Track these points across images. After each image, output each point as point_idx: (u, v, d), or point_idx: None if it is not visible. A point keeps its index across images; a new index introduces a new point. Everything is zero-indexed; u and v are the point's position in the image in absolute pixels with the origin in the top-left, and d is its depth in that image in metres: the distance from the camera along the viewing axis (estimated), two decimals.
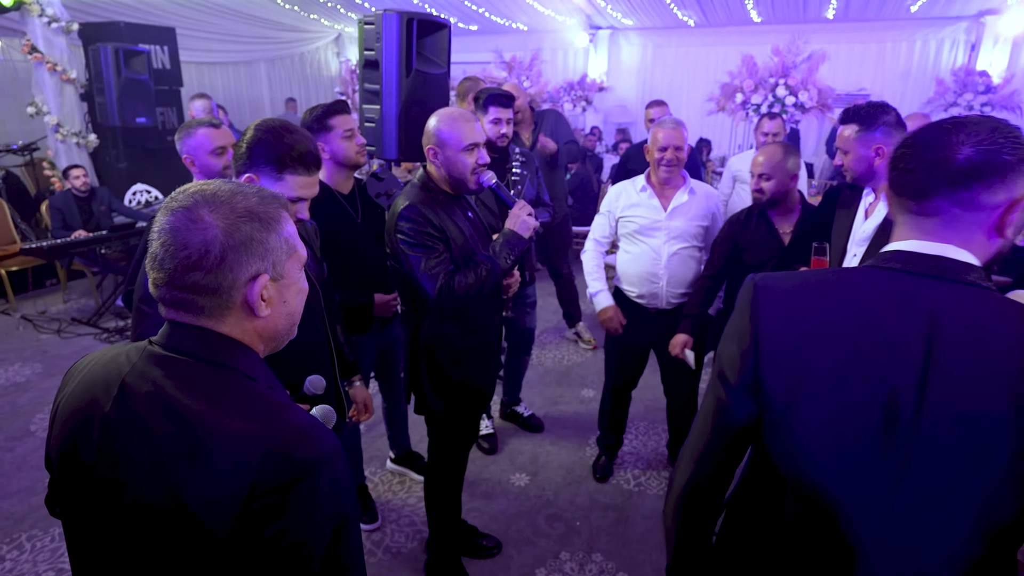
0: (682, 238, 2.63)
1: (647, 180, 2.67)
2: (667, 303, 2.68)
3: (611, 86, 9.51)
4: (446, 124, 1.90)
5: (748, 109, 5.78)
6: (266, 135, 1.50)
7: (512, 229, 1.97)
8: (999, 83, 7.09)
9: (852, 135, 2.00)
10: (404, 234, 1.87)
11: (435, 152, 1.92)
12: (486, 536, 2.59)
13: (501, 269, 1.93)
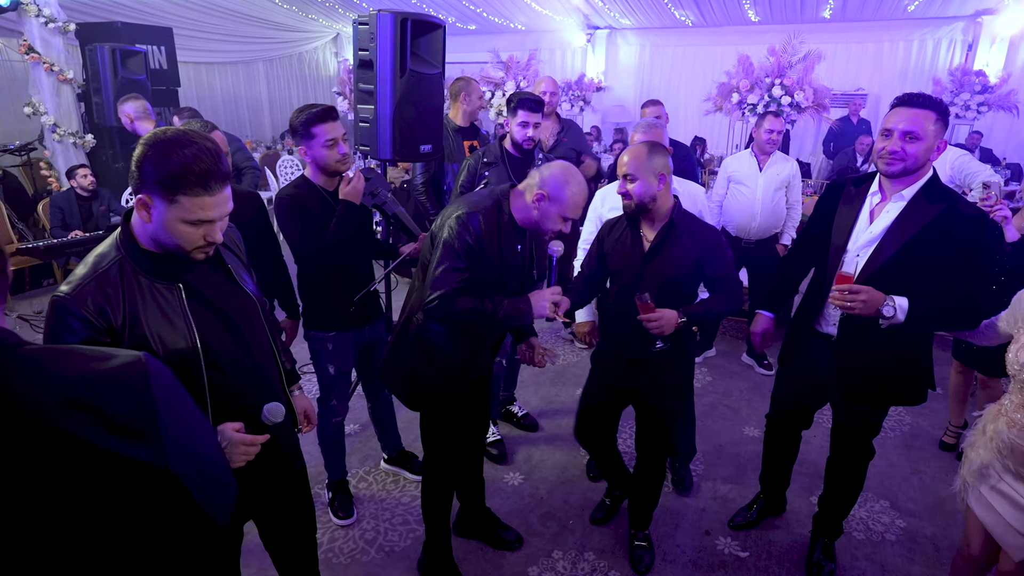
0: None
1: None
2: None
3: (609, 86, 9.52)
4: (570, 189, 1.90)
5: (744, 109, 5.79)
6: (151, 150, 1.23)
7: (530, 302, 1.95)
8: (996, 83, 7.10)
9: (931, 124, 1.87)
10: (452, 233, 1.90)
11: (542, 199, 1.91)
12: (508, 529, 2.60)
13: (498, 320, 1.91)
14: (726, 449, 3.30)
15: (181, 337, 1.34)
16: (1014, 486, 1.72)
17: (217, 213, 1.30)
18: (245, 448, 1.36)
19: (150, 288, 1.33)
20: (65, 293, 1.27)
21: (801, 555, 2.54)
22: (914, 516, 2.80)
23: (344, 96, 9.01)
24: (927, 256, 1.91)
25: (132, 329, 1.30)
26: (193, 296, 1.38)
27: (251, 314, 1.53)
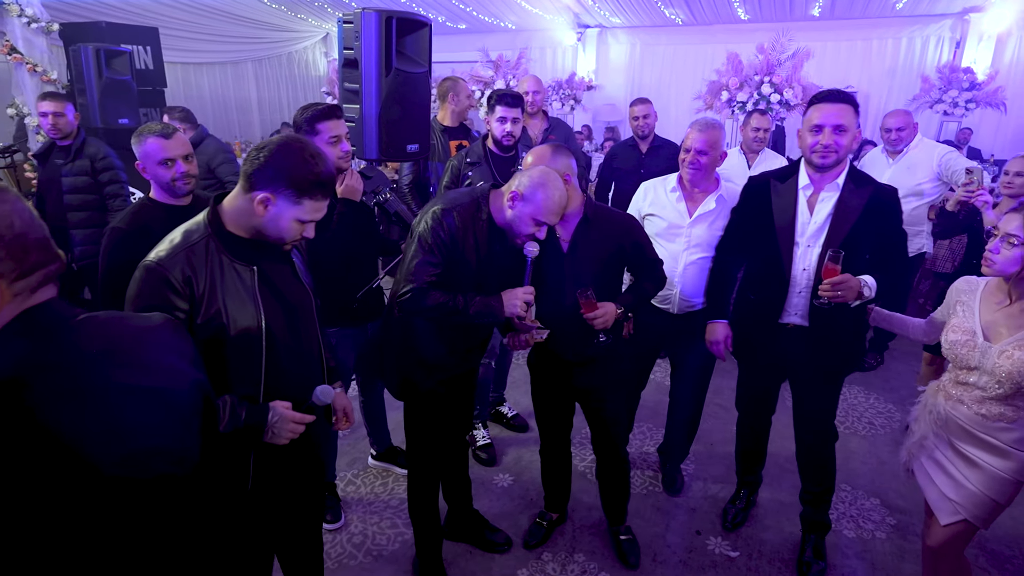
0: (702, 247, 2.52)
1: (679, 181, 2.56)
2: (679, 309, 2.60)
3: (599, 84, 9.50)
4: (544, 191, 1.88)
5: (734, 107, 5.79)
6: (294, 158, 1.42)
7: (502, 299, 1.94)
8: (983, 80, 7.13)
9: (852, 116, 2.05)
10: (427, 228, 1.92)
11: (516, 198, 1.91)
12: (497, 531, 2.58)
13: (468, 316, 1.92)
14: (717, 448, 3.29)
15: (250, 316, 1.46)
16: (946, 454, 1.91)
17: (321, 215, 1.48)
18: (293, 426, 1.48)
19: (230, 267, 1.46)
20: (157, 259, 1.41)
21: (791, 554, 2.53)
22: (904, 513, 2.79)
23: (333, 96, 8.95)
24: (868, 235, 2.08)
25: (209, 301, 1.42)
26: (264, 281, 1.51)
27: (306, 308, 1.64)
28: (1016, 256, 1.72)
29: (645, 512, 2.79)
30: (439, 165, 3.40)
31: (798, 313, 2.22)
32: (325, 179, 1.45)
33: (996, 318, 1.81)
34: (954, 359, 1.87)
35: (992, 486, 1.81)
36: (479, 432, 3.23)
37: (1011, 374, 1.73)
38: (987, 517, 1.85)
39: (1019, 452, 1.78)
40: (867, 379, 4.06)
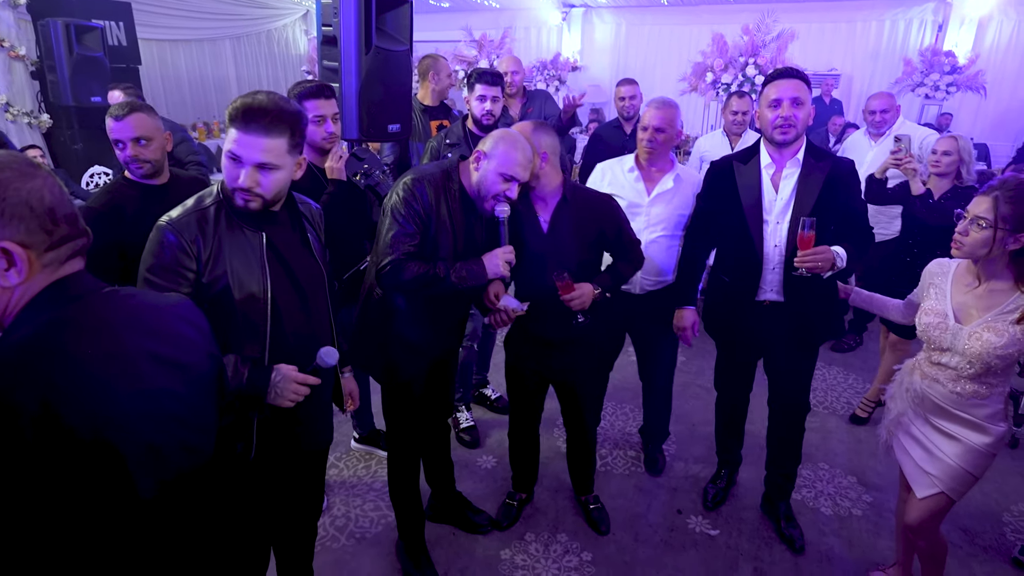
0: (662, 225, 2.55)
1: (636, 160, 2.59)
2: (641, 289, 2.63)
3: (584, 65, 9.42)
4: (505, 144, 1.91)
5: (718, 89, 5.77)
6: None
7: (484, 263, 1.94)
8: (964, 63, 7.17)
9: (807, 92, 2.12)
10: (399, 198, 1.91)
11: (480, 157, 1.93)
12: (480, 512, 2.59)
13: (450, 284, 1.90)
14: (698, 428, 3.32)
15: (255, 281, 1.50)
16: (923, 430, 1.98)
17: (243, 152, 1.41)
18: (296, 386, 1.49)
19: (239, 232, 1.50)
20: (170, 220, 1.46)
21: (771, 532, 2.58)
22: (880, 491, 2.85)
23: (313, 75, 8.79)
24: (831, 207, 2.13)
25: (215, 262, 1.46)
26: (272, 248, 1.53)
27: (316, 283, 1.66)
28: (984, 238, 1.74)
29: (627, 492, 2.82)
30: (419, 145, 3.36)
31: (773, 289, 2.26)
32: (243, 108, 1.39)
33: (967, 300, 1.85)
34: (928, 340, 1.92)
35: (967, 459, 1.88)
36: (462, 414, 3.23)
37: (981, 355, 1.77)
38: (961, 489, 1.92)
39: (993, 426, 1.85)
40: (846, 359, 4.12)
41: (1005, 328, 1.75)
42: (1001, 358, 1.76)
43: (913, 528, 2.02)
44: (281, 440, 1.65)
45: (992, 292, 1.81)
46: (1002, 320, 1.76)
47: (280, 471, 1.73)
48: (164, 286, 1.41)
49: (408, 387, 2.14)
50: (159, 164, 2.13)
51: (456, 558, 2.42)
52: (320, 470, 1.94)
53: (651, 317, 2.69)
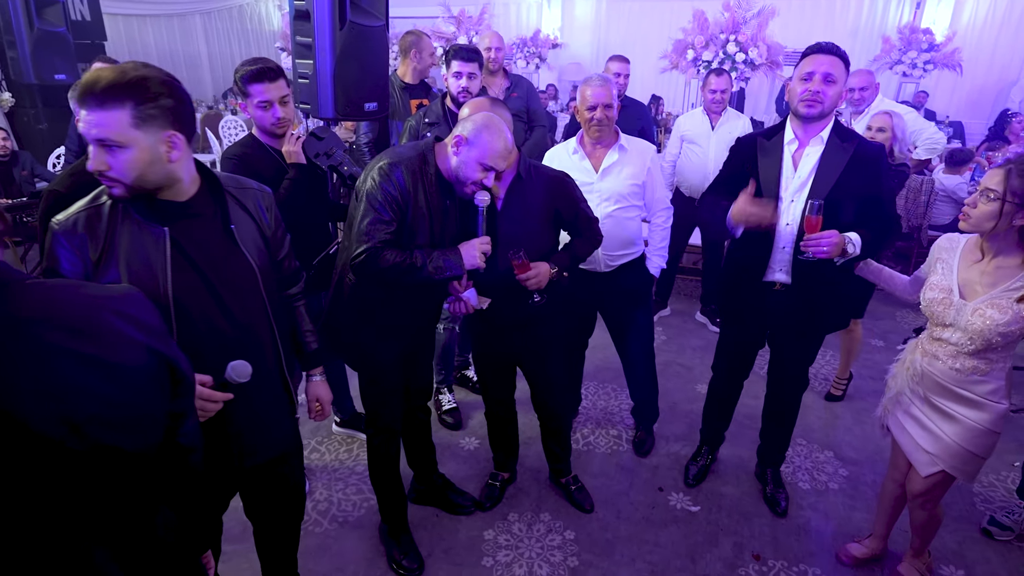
0: (615, 199, 2.55)
1: (579, 142, 2.59)
2: (605, 266, 2.63)
3: (565, 43, 9.33)
4: (488, 132, 1.85)
5: (699, 66, 5.75)
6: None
7: (460, 252, 1.91)
8: (941, 41, 7.23)
9: (842, 71, 2.04)
10: (374, 184, 1.84)
11: (461, 143, 1.87)
12: (462, 493, 2.60)
13: (426, 274, 1.86)
14: (679, 407, 3.35)
15: (153, 281, 1.33)
16: (923, 409, 1.98)
17: (84, 131, 1.24)
18: (202, 403, 1.33)
19: (139, 227, 1.34)
20: (58, 220, 1.33)
21: (751, 507, 2.62)
22: (856, 464, 2.91)
23: (288, 51, 8.57)
24: (852, 190, 2.07)
25: (106, 265, 1.32)
26: (178, 247, 1.36)
27: (243, 281, 1.47)
28: (992, 211, 1.73)
29: (609, 471, 2.84)
30: (399, 124, 3.29)
31: (782, 269, 2.23)
32: (81, 83, 1.22)
33: (972, 276, 1.84)
34: (931, 316, 1.91)
35: (968, 438, 1.88)
36: (444, 396, 3.22)
37: (982, 331, 1.77)
38: (967, 469, 1.92)
39: (993, 403, 1.85)
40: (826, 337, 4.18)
41: (1009, 305, 1.74)
42: (1003, 335, 1.76)
43: (917, 500, 2.05)
44: (211, 454, 1.49)
45: (999, 269, 1.79)
46: (1006, 297, 1.75)
47: (223, 483, 1.61)
48: None
49: (384, 373, 2.11)
50: None
51: (440, 539, 2.43)
52: (283, 480, 1.75)
53: (620, 293, 2.69)
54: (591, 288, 2.69)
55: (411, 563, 2.27)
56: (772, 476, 2.67)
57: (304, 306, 1.80)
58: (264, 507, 1.77)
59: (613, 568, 2.32)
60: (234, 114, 8.47)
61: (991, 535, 2.49)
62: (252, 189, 1.57)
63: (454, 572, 2.29)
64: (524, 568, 2.31)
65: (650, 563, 2.35)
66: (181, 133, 1.30)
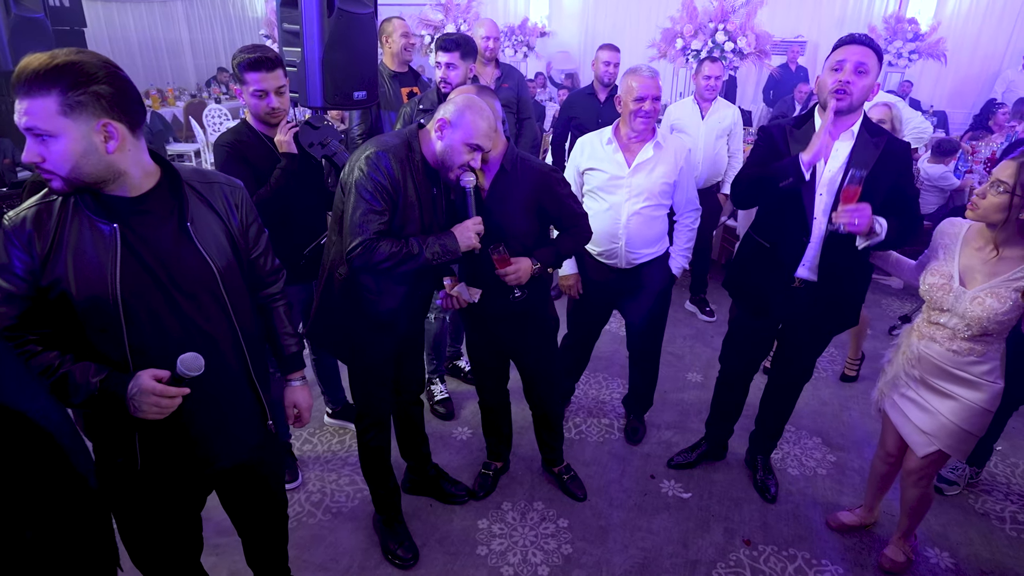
0: (644, 196, 2.49)
1: (614, 133, 2.53)
2: (627, 263, 2.60)
3: (553, 31, 9.27)
4: (470, 111, 1.84)
5: (688, 55, 5.74)
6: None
7: (455, 236, 1.90)
8: (926, 31, 7.28)
9: (875, 62, 1.96)
10: (363, 174, 1.81)
11: (444, 125, 1.85)
12: (456, 483, 2.60)
13: (424, 260, 1.85)
14: (670, 395, 3.38)
15: (100, 279, 1.27)
16: (918, 391, 2.02)
17: (18, 121, 1.17)
18: (156, 399, 1.27)
19: (87, 223, 1.28)
20: (9, 217, 1.29)
21: (741, 493, 2.66)
22: (843, 450, 2.96)
23: (273, 39, 8.44)
24: (880, 186, 2.00)
25: (53, 262, 1.26)
26: (128, 244, 1.30)
27: (197, 283, 1.38)
28: (1001, 203, 1.74)
29: (601, 459, 2.86)
30: (392, 114, 3.26)
31: (808, 265, 2.18)
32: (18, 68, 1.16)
33: (974, 263, 1.87)
34: (929, 300, 1.94)
35: (963, 416, 1.93)
36: (436, 387, 3.22)
37: (979, 319, 1.81)
38: (962, 447, 1.98)
39: (989, 383, 1.89)
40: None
41: (1008, 295, 1.77)
42: (999, 323, 1.81)
43: (911, 477, 2.11)
44: (172, 456, 1.45)
45: (1002, 259, 1.81)
46: (1006, 287, 1.78)
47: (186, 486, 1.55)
48: (4, 289, 1.26)
49: (375, 367, 2.11)
50: None
51: (434, 529, 2.44)
52: (259, 484, 1.69)
53: (640, 290, 2.66)
54: (610, 283, 2.66)
55: (406, 553, 2.28)
56: (762, 463, 2.71)
57: (285, 307, 1.71)
58: (241, 510, 1.74)
59: (606, 555, 2.34)
60: (217, 102, 8.35)
61: (941, 492, 2.64)
62: (219, 183, 1.49)
63: (449, 561, 2.30)
64: (518, 556, 2.32)
65: (643, 549, 2.37)
66: (120, 122, 1.22)
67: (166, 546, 1.58)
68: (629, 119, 2.44)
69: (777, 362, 2.53)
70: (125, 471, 1.42)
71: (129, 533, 1.53)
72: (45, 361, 1.27)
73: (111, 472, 1.43)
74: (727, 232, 4.99)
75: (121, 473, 1.43)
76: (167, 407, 1.30)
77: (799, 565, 2.31)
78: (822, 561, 2.32)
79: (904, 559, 2.26)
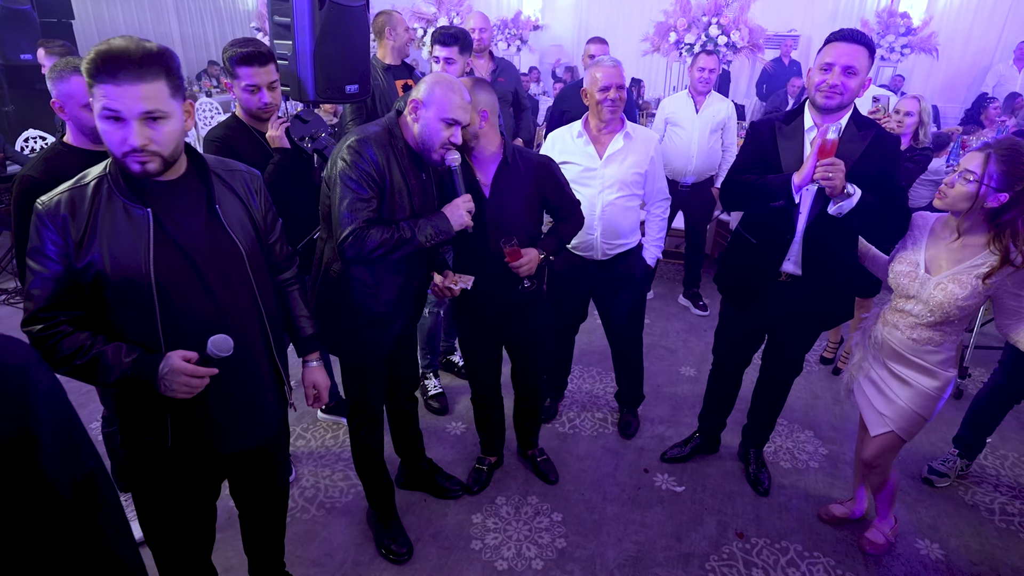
0: (617, 187, 2.52)
1: (584, 125, 2.54)
2: (603, 254, 2.61)
3: (546, 24, 9.24)
4: (439, 87, 1.83)
5: (681, 49, 5.73)
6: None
7: (446, 215, 1.89)
8: (918, 25, 7.29)
9: (865, 59, 1.95)
10: (347, 164, 1.79)
11: (416, 107, 1.84)
12: (450, 478, 2.61)
13: (417, 244, 1.84)
14: (663, 389, 3.39)
15: (135, 262, 1.32)
16: (880, 373, 2.11)
17: (123, 106, 1.22)
18: (187, 379, 1.33)
19: (120, 208, 1.33)
20: (42, 201, 1.33)
21: (735, 486, 2.67)
22: (835, 443, 2.98)
23: (264, 32, 8.37)
24: (865, 179, 2.00)
25: (88, 247, 1.30)
26: (160, 227, 1.35)
27: (229, 263, 1.45)
28: (968, 192, 1.80)
29: (595, 453, 2.87)
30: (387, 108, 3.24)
31: (792, 260, 2.19)
32: (103, 58, 1.20)
33: (939, 252, 1.93)
34: (896, 288, 2.01)
35: (918, 401, 2.02)
36: (430, 381, 3.21)
37: (942, 304, 1.88)
38: (911, 429, 2.06)
39: (943, 372, 1.98)
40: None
41: (969, 281, 1.84)
42: (960, 309, 1.87)
43: (868, 463, 2.18)
44: (200, 435, 1.49)
45: (965, 247, 1.88)
46: (968, 273, 1.85)
47: (214, 465, 1.59)
48: (39, 273, 1.30)
49: (371, 364, 2.10)
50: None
51: (428, 524, 2.44)
52: (271, 465, 1.74)
53: (616, 281, 2.69)
54: (586, 275, 2.68)
55: (400, 548, 2.28)
56: (755, 456, 2.72)
57: (299, 290, 1.77)
58: (251, 493, 1.77)
59: (600, 548, 2.35)
60: (208, 96, 8.27)
61: (932, 483, 2.69)
62: (240, 171, 1.55)
63: (443, 556, 2.30)
64: (512, 550, 2.33)
65: (636, 542, 2.38)
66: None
67: (185, 531, 1.62)
68: (597, 109, 2.47)
69: (767, 356, 2.54)
70: (155, 449, 1.46)
71: (150, 516, 1.57)
72: (77, 342, 1.30)
73: (140, 451, 1.47)
74: (720, 226, 5.00)
75: (150, 452, 1.46)
76: (196, 387, 1.35)
77: (791, 557, 2.33)
78: (814, 553, 2.34)
79: (883, 541, 2.33)
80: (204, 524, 1.66)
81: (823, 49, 2.01)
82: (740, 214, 2.43)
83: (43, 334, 1.30)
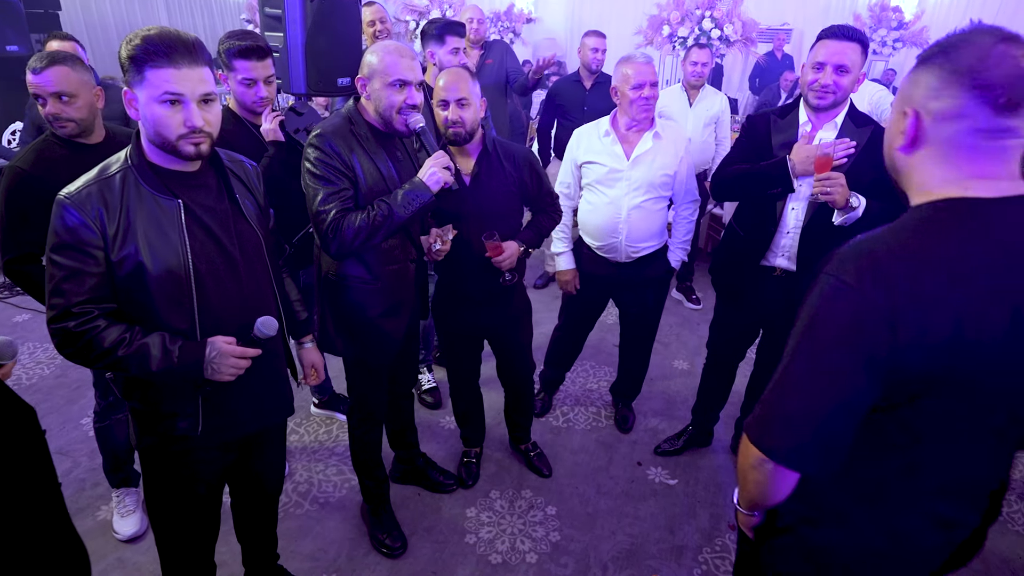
0: (644, 189, 2.44)
1: (612, 124, 2.48)
2: (627, 256, 2.57)
3: (539, 17, 9.20)
4: (375, 54, 1.80)
5: (675, 42, 5.73)
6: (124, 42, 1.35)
7: (421, 178, 1.81)
8: (910, 19, 7.31)
9: (858, 56, 1.93)
10: (310, 162, 1.79)
11: (364, 83, 1.82)
12: (443, 472, 2.61)
13: (398, 218, 1.78)
14: (656, 383, 3.40)
15: (173, 252, 1.36)
16: None
17: (186, 88, 1.27)
18: (235, 360, 1.40)
19: (151, 200, 1.36)
20: (68, 193, 1.32)
21: (726, 478, 2.68)
22: None
23: (255, 24, 8.29)
24: (862, 177, 1.97)
25: (124, 239, 1.32)
26: (191, 215, 1.40)
27: (250, 248, 1.51)
28: None
29: (589, 447, 2.88)
30: None
31: (786, 255, 2.18)
32: (158, 42, 1.24)
33: None
34: None
35: None
36: (424, 376, 3.21)
37: None
38: None
39: None
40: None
41: None
42: None
43: None
44: (226, 418, 1.54)
45: None
46: None
47: (231, 449, 1.64)
48: (70, 267, 1.30)
49: (381, 367, 2.10)
50: (86, 123, 1.94)
51: (422, 518, 2.44)
52: (277, 446, 1.83)
53: (638, 283, 2.65)
54: (608, 276, 2.65)
55: (394, 542, 2.28)
56: None
57: (289, 277, 1.82)
58: (254, 477, 1.79)
59: (594, 541, 2.36)
60: None
61: None
62: (243, 162, 1.61)
63: (437, 550, 2.31)
64: (507, 544, 2.33)
65: (630, 535, 2.39)
66: None
67: (197, 521, 1.64)
68: (628, 108, 2.39)
69: (762, 350, 2.54)
70: (184, 436, 1.48)
71: (165, 508, 1.59)
72: (116, 334, 1.32)
73: (166, 440, 1.48)
74: (713, 220, 5.01)
75: (178, 439, 1.48)
76: (242, 368, 1.42)
77: None
78: None
79: None
80: (214, 513, 1.69)
81: (815, 46, 2.00)
82: (733, 208, 2.43)
83: (80, 328, 1.30)
